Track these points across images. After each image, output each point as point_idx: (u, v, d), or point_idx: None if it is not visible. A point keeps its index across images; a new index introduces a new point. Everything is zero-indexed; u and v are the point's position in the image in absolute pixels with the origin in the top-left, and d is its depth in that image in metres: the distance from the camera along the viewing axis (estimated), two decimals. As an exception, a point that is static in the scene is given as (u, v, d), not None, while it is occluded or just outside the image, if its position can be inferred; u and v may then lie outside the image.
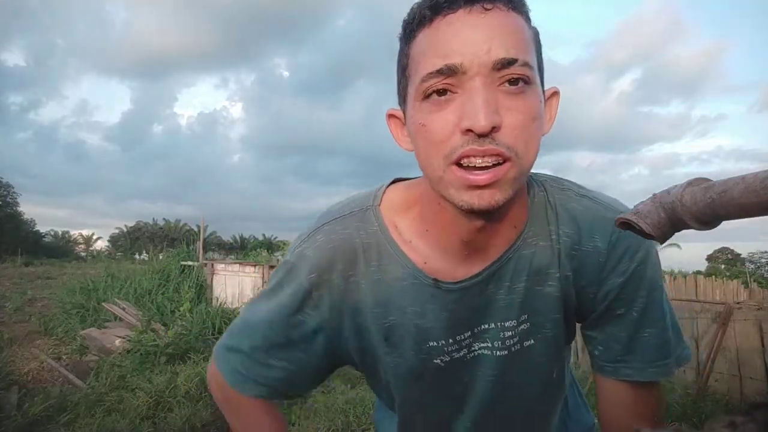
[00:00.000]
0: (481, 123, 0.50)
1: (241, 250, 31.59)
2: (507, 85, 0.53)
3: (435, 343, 0.65)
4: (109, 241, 49.49)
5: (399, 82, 0.61)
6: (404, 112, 0.61)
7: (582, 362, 6.35)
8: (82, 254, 42.52)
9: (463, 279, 0.64)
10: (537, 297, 0.64)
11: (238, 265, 9.27)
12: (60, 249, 42.45)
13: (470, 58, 0.52)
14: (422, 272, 0.64)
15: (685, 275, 14.96)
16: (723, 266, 33.05)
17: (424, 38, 0.55)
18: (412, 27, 0.57)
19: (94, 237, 51.10)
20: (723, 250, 40.59)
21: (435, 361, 0.66)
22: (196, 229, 21.72)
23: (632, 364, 0.65)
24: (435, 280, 0.64)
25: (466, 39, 0.52)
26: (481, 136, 0.51)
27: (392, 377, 0.69)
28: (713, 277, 15.32)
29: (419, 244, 0.65)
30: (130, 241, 45.94)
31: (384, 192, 0.68)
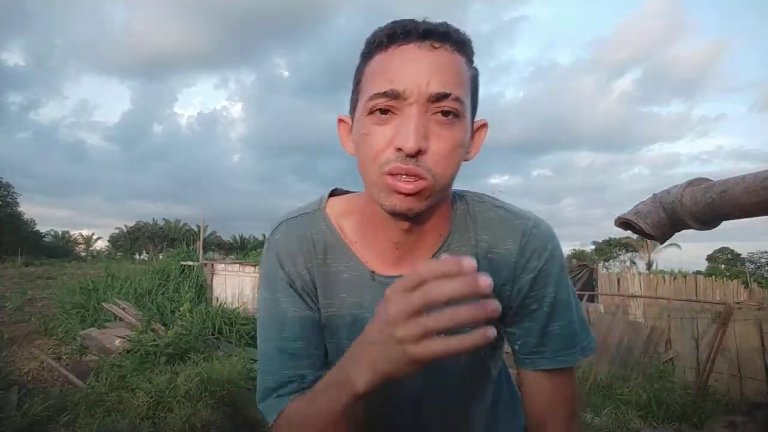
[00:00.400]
0: (410, 145, 0.60)
1: (241, 250, 31.60)
2: (440, 115, 0.62)
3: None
4: (109, 241, 49.55)
5: (352, 94, 0.70)
6: (352, 120, 0.70)
7: (582, 362, 6.36)
8: (82, 254, 42.57)
9: (396, 275, 0.71)
10: None
11: (238, 265, 9.28)
12: (60, 249, 42.45)
13: (412, 87, 0.61)
14: (363, 265, 0.72)
15: (685, 275, 14.95)
16: (723, 266, 33.06)
17: (378, 61, 0.64)
18: (371, 49, 0.66)
19: (94, 237, 51.15)
20: (723, 250, 40.59)
21: None
22: (196, 229, 21.75)
23: (545, 354, 0.72)
24: (372, 272, 0.72)
25: (412, 70, 0.61)
26: (409, 156, 0.61)
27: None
28: (713, 277, 15.31)
29: (359, 245, 0.74)
30: (130, 241, 45.97)
31: (327, 200, 0.78)
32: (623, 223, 1.06)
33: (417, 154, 0.61)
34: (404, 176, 0.62)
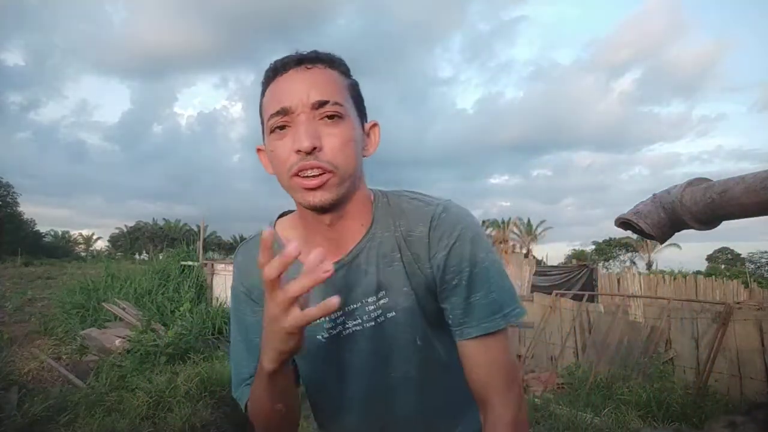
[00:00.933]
0: (304, 144, 0.72)
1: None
2: (326, 119, 0.75)
3: (315, 321, 0.79)
4: (109, 241, 49.56)
5: (261, 125, 0.82)
6: (265, 146, 0.82)
7: (582, 362, 6.36)
8: (82, 254, 42.55)
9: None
10: (388, 276, 0.81)
11: (238, 265, 9.27)
12: (60, 249, 42.46)
13: (296, 102, 0.75)
14: (298, 264, 0.80)
15: (685, 275, 14.96)
16: (723, 266, 33.07)
17: (269, 91, 0.79)
18: (264, 85, 0.81)
19: (94, 237, 51.20)
20: (723, 250, 40.60)
21: (317, 337, 0.83)
22: (196, 229, 21.75)
23: (471, 323, 0.79)
24: None
25: (294, 89, 0.75)
26: (307, 153, 0.73)
27: (298, 361, 0.87)
28: (713, 277, 15.32)
29: (301, 245, 0.81)
30: (130, 241, 45.98)
31: (277, 220, 0.92)
32: (623, 223, 1.06)
33: (313, 150, 0.73)
34: (308, 172, 0.73)
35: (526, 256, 12.26)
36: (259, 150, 0.87)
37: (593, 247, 40.47)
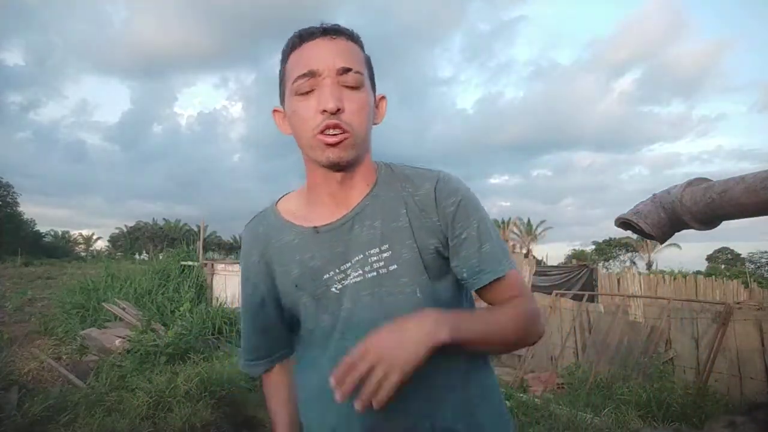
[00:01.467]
0: (330, 105, 0.80)
1: (241, 250, 31.57)
2: (347, 86, 0.83)
3: (327, 275, 0.88)
4: (109, 241, 49.51)
5: (279, 89, 0.92)
6: (284, 108, 0.91)
7: (582, 362, 6.36)
8: (82, 254, 42.51)
9: (335, 221, 0.89)
10: (392, 230, 0.88)
11: (238, 265, 9.24)
12: (60, 249, 42.40)
13: (323, 66, 0.82)
14: (304, 227, 0.91)
15: (685, 275, 14.96)
16: (723, 266, 33.05)
17: (294, 56, 0.86)
18: (287, 52, 0.88)
19: (94, 237, 51.15)
20: (723, 250, 40.58)
21: (332, 290, 0.88)
22: (196, 229, 21.74)
23: (487, 269, 0.87)
24: (314, 227, 0.90)
25: (322, 54, 0.83)
26: (332, 114, 0.80)
27: (307, 313, 0.91)
28: (713, 277, 15.31)
29: (302, 210, 0.94)
30: (130, 241, 45.95)
31: (281, 198, 1.00)
32: (623, 223, 1.06)
33: (337, 112, 0.80)
34: (331, 130, 0.81)
35: (526, 256, 12.25)
36: (275, 111, 0.94)
37: (593, 247, 40.46)
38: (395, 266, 0.86)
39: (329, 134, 0.81)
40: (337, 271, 0.88)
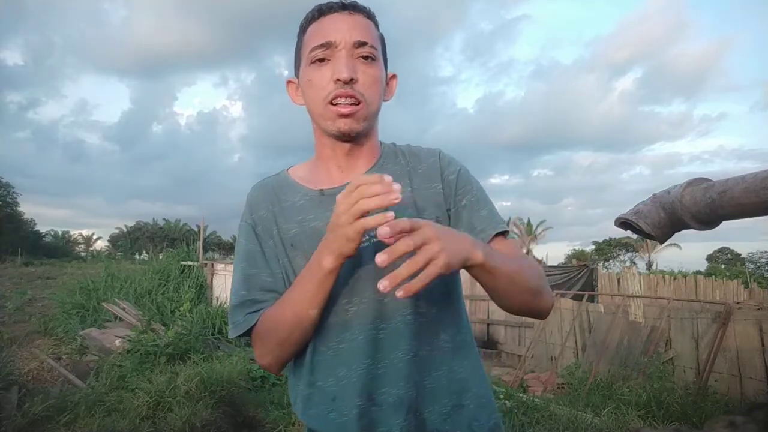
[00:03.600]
0: (344, 74, 0.83)
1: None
2: (362, 59, 0.86)
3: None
4: (109, 241, 49.55)
5: (295, 60, 0.95)
6: (298, 78, 0.94)
7: (582, 362, 6.36)
8: (82, 254, 42.50)
9: (340, 186, 0.89)
10: None
11: (238, 265, 9.25)
12: (60, 249, 42.39)
13: (340, 38, 0.85)
14: (311, 189, 0.94)
15: (685, 275, 14.95)
16: (723, 266, 33.03)
17: (312, 29, 0.89)
18: (306, 24, 0.91)
19: (94, 237, 51.19)
20: (723, 250, 40.59)
21: None
22: (196, 229, 21.72)
23: (488, 229, 0.91)
24: (320, 190, 0.93)
25: (339, 26, 0.86)
26: (345, 83, 0.83)
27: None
28: (713, 277, 15.31)
29: (310, 176, 0.97)
30: (130, 241, 45.94)
31: (291, 166, 1.02)
32: (623, 223, 1.06)
33: (350, 81, 0.83)
34: (343, 99, 0.84)
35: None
36: (289, 82, 0.97)
37: (593, 247, 40.45)
38: None
39: (342, 104, 0.84)
40: None
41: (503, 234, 0.92)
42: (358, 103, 0.85)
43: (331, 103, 0.85)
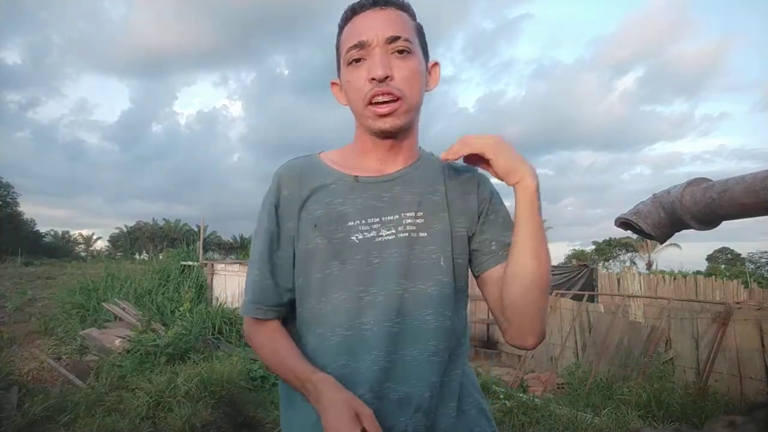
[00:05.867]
0: (378, 73, 0.83)
1: (241, 249, 31.56)
2: (397, 53, 0.86)
3: (352, 223, 0.89)
4: (109, 241, 49.52)
5: (336, 61, 0.95)
6: (340, 79, 0.93)
7: (582, 362, 6.35)
8: (82, 254, 42.53)
9: (378, 176, 0.93)
10: (429, 201, 0.92)
11: (237, 265, 9.26)
12: (60, 249, 42.42)
13: (372, 36, 0.85)
14: (346, 174, 0.94)
15: (685, 275, 14.95)
16: (723, 266, 33.02)
17: (347, 29, 0.90)
18: (342, 24, 0.92)
19: (94, 237, 51.15)
20: (723, 250, 40.59)
21: (352, 238, 0.89)
22: (196, 229, 21.69)
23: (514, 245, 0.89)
24: (356, 176, 0.93)
25: (370, 25, 0.86)
26: (381, 81, 0.84)
27: (314, 258, 0.89)
28: (713, 277, 15.31)
29: (344, 162, 0.96)
30: (130, 241, 45.94)
31: (321, 151, 1.01)
32: (623, 223, 1.06)
33: (386, 79, 0.84)
34: (380, 98, 0.84)
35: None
36: (333, 84, 0.97)
37: (593, 247, 40.43)
38: (425, 234, 0.89)
39: (379, 103, 0.85)
40: (363, 222, 0.89)
41: None
42: (397, 99, 0.85)
43: (371, 103, 0.85)
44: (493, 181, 0.98)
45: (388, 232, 0.89)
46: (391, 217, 0.89)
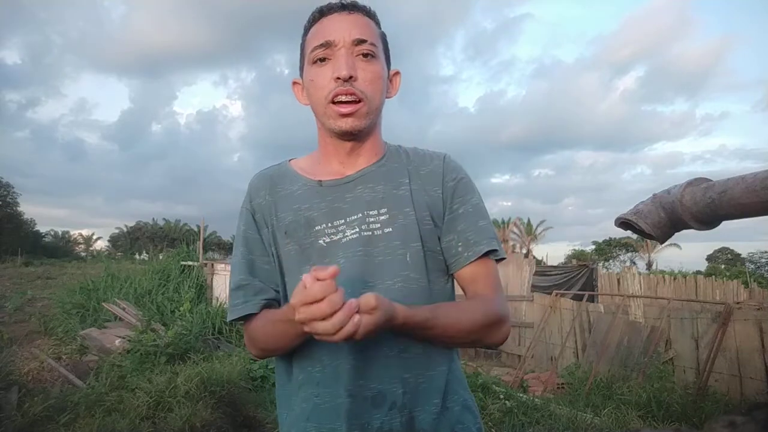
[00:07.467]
0: (343, 72, 0.84)
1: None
2: (362, 56, 0.88)
3: (319, 227, 0.91)
4: (109, 241, 49.51)
5: (300, 61, 0.96)
6: (302, 79, 0.95)
7: (582, 362, 6.36)
8: (82, 254, 42.52)
9: (340, 178, 0.94)
10: (392, 196, 0.92)
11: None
12: (60, 249, 42.42)
13: (339, 37, 0.87)
14: (311, 180, 0.95)
15: (685, 275, 14.95)
16: (723, 266, 33.02)
17: (314, 30, 0.91)
18: (308, 25, 0.93)
19: (94, 237, 51.15)
20: (723, 250, 40.58)
21: (320, 242, 0.90)
22: (196, 229, 21.72)
23: (481, 242, 0.91)
24: (319, 181, 0.94)
25: (338, 26, 0.88)
26: (345, 81, 0.85)
27: (289, 264, 0.92)
28: (713, 277, 15.30)
29: (310, 168, 0.98)
30: (130, 241, 45.93)
31: (292, 159, 1.04)
32: (623, 223, 1.06)
33: (350, 79, 0.85)
34: (343, 97, 0.85)
35: (526, 256, 12.24)
36: (294, 83, 0.99)
37: (593, 247, 40.44)
38: (390, 229, 0.90)
39: (341, 102, 0.85)
40: (330, 225, 0.91)
41: (492, 251, 0.92)
42: (359, 101, 0.86)
43: (333, 102, 0.86)
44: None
45: (352, 232, 0.90)
46: (355, 217, 0.90)
